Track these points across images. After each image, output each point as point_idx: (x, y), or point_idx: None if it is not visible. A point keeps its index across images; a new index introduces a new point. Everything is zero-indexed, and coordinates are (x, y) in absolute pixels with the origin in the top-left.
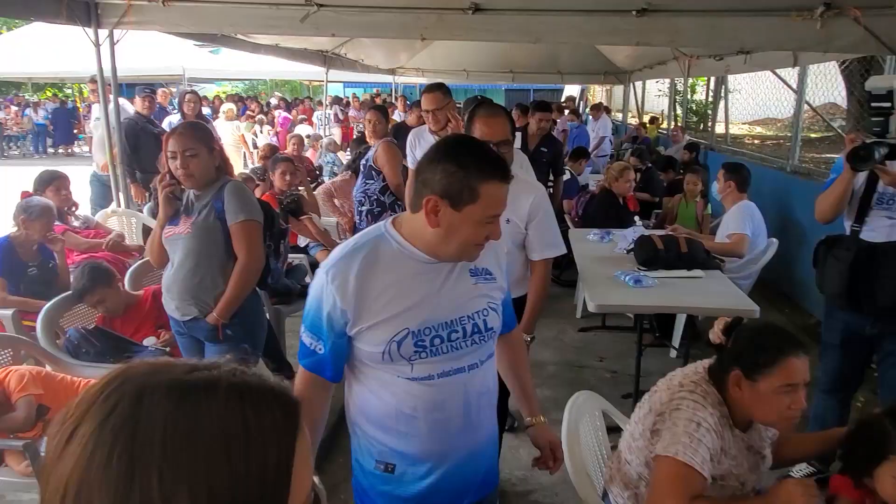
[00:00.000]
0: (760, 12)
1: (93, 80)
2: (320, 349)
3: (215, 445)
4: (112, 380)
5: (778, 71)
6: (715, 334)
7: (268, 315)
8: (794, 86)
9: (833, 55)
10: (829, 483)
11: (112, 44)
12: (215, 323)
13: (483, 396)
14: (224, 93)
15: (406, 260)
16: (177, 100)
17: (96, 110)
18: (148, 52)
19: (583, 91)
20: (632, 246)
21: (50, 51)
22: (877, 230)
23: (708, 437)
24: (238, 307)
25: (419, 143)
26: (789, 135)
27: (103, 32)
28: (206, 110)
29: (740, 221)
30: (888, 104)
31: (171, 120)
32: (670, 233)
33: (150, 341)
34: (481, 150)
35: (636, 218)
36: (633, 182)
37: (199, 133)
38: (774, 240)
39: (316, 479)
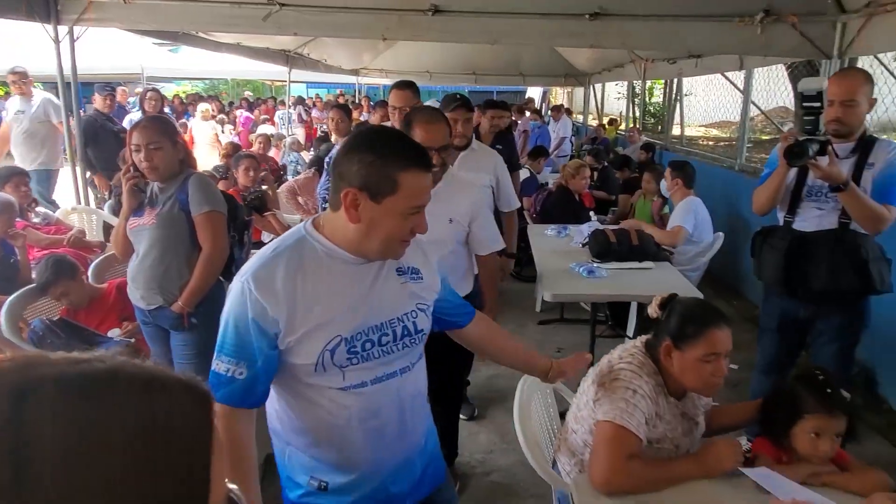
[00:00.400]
0: (706, 18)
1: (13, 73)
2: (241, 374)
3: (120, 444)
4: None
5: (730, 75)
6: (652, 309)
7: None
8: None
9: (773, 59)
10: (752, 445)
11: (72, 41)
12: (180, 311)
13: (416, 399)
14: (184, 92)
15: (331, 261)
16: (136, 98)
17: (16, 103)
18: (105, 50)
19: (545, 93)
20: (587, 240)
21: None
22: (807, 220)
23: (643, 403)
24: (203, 296)
25: None
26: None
27: (63, 29)
28: (166, 109)
29: (683, 216)
30: (818, 104)
31: (132, 118)
32: (623, 227)
33: (114, 332)
34: (399, 138)
35: (591, 213)
36: (588, 180)
37: (162, 127)
38: (721, 233)
39: (231, 484)
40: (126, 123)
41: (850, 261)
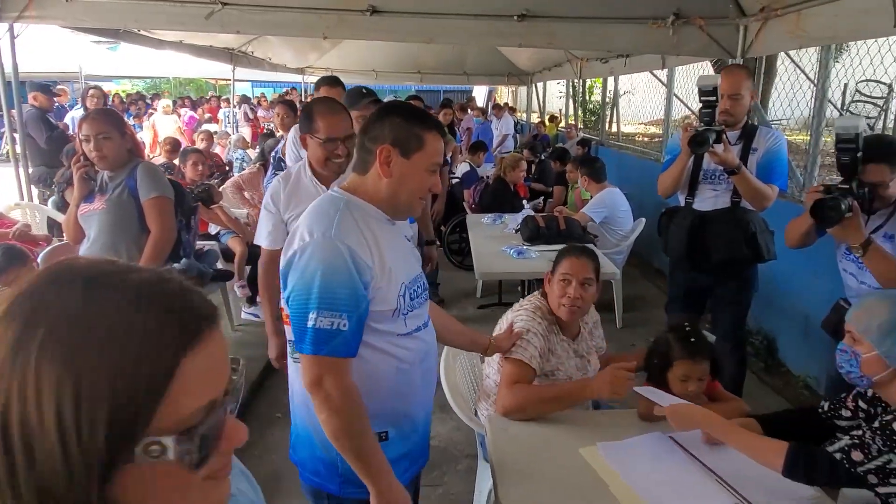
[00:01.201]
0: (624, 20)
1: None
2: (344, 325)
3: (96, 335)
4: (55, 265)
5: (661, 74)
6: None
7: None
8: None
9: (690, 58)
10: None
11: (13, 38)
12: None
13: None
14: (124, 91)
15: (375, 219)
16: (77, 97)
17: None
18: (43, 49)
19: (490, 92)
20: (519, 226)
21: None
22: (705, 201)
23: (536, 340)
24: None
25: None
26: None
27: (3, 27)
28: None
29: (593, 206)
30: (714, 98)
31: (74, 116)
32: (554, 213)
33: None
34: (418, 108)
35: (524, 202)
36: (524, 172)
37: (111, 118)
38: (643, 219)
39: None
40: (68, 121)
41: (743, 234)
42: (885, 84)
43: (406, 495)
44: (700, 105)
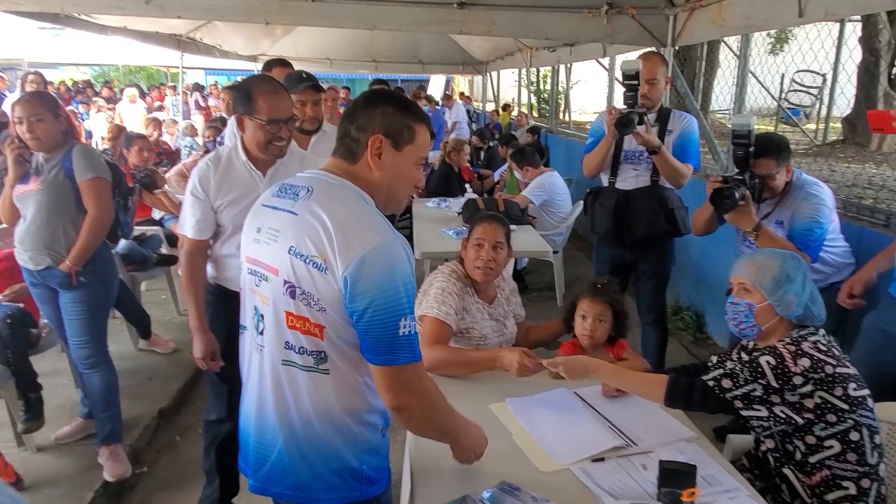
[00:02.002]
0: (560, 9)
1: None
2: (415, 326)
3: None
4: None
5: (606, 62)
6: None
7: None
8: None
9: (627, 47)
10: (559, 349)
11: None
12: (68, 270)
13: None
14: (71, 79)
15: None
16: (18, 83)
17: None
18: None
19: (448, 81)
20: (462, 209)
21: None
22: (626, 180)
23: (451, 300)
24: (89, 256)
25: None
26: None
27: None
28: None
29: (532, 190)
30: (636, 82)
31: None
32: (496, 196)
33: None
34: (407, 98)
35: (467, 185)
36: (468, 156)
37: (44, 100)
38: (581, 202)
39: None
40: (6, 106)
41: (662, 210)
42: (820, 74)
43: (480, 427)
44: (623, 89)
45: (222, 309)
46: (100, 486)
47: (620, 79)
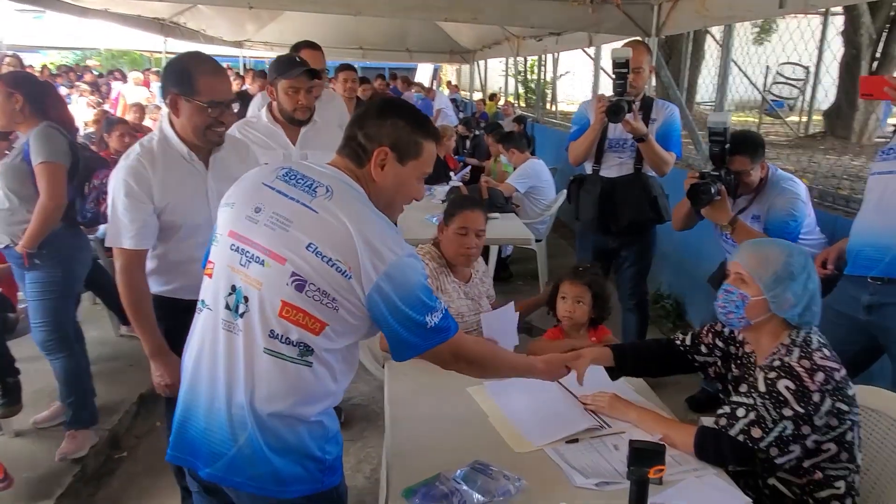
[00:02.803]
0: None
1: None
2: (442, 313)
3: None
4: None
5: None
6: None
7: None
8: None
9: (612, 36)
10: (544, 334)
11: None
12: (22, 251)
13: None
14: (53, 63)
15: None
16: None
17: None
18: None
19: (436, 70)
20: (446, 196)
21: None
22: (611, 168)
23: (428, 282)
24: (40, 240)
25: None
26: None
27: None
28: None
29: (517, 177)
30: (626, 70)
31: None
32: (480, 184)
33: None
34: (419, 112)
35: (451, 174)
36: (453, 143)
37: None
38: (565, 191)
39: None
40: None
41: (646, 198)
42: (804, 67)
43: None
44: (613, 77)
45: (181, 324)
46: (78, 471)
47: (609, 67)
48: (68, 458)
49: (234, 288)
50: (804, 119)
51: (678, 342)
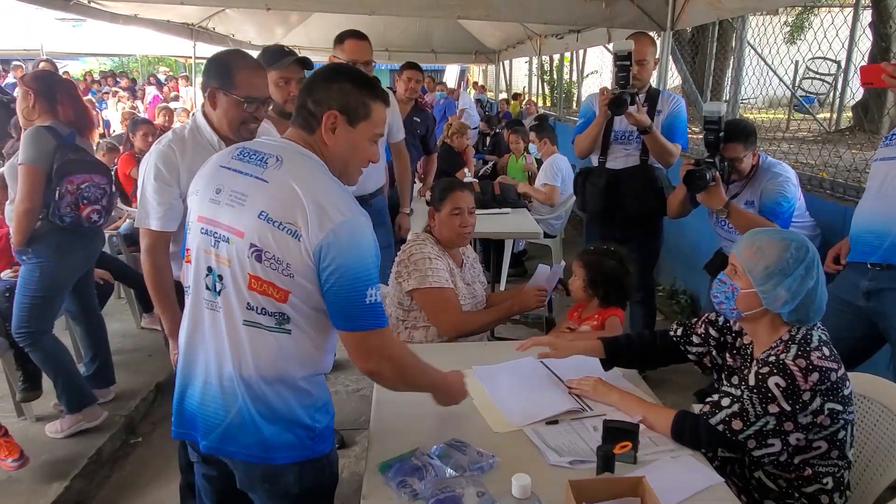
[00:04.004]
0: None
1: None
2: (380, 295)
3: None
4: None
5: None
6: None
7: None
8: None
9: (629, 31)
10: (567, 315)
11: None
12: (14, 247)
13: None
14: (93, 70)
15: None
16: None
17: None
18: (2, 26)
19: (462, 71)
20: None
21: None
22: (616, 160)
23: (438, 263)
24: (30, 239)
25: None
26: None
27: None
28: None
29: (551, 174)
30: (628, 62)
31: None
32: (500, 180)
33: (5, 274)
34: (365, 74)
35: (465, 170)
36: (469, 140)
37: None
38: None
39: None
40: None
41: (652, 189)
42: (835, 61)
43: (460, 373)
44: (615, 69)
45: None
46: (94, 454)
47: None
48: (52, 435)
49: (209, 269)
50: (835, 115)
51: (671, 333)
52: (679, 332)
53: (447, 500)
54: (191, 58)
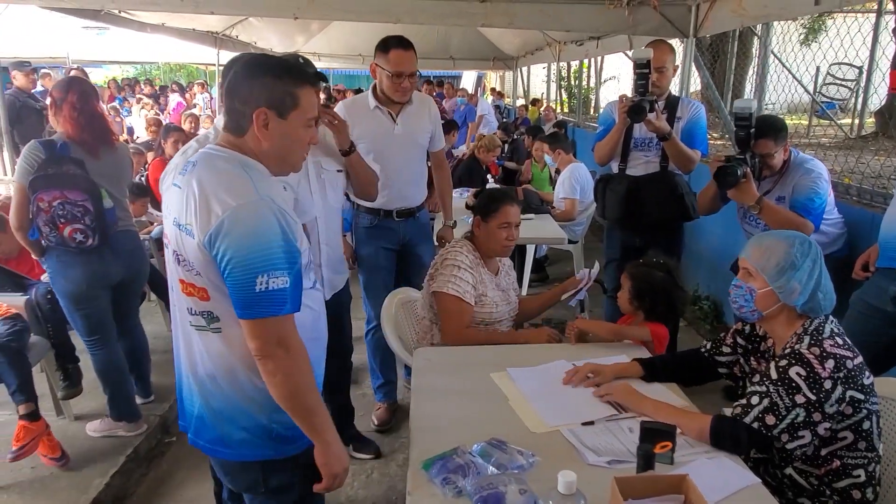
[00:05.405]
0: (581, 1)
1: None
2: (286, 283)
3: None
4: None
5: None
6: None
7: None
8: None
9: (650, 38)
10: (620, 320)
11: None
12: None
13: None
14: (117, 77)
15: (267, 175)
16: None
17: None
18: (30, 34)
19: (480, 78)
20: None
21: None
22: (636, 167)
23: (465, 274)
24: (44, 253)
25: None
26: None
27: None
28: None
29: (569, 185)
30: (647, 70)
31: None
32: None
33: (45, 277)
34: (287, 60)
35: (489, 177)
36: (496, 156)
37: None
38: None
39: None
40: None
41: (672, 195)
42: (856, 67)
43: (343, 447)
44: (634, 77)
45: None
46: (131, 452)
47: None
48: (92, 433)
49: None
50: (856, 121)
51: (702, 349)
52: (708, 346)
53: (491, 497)
54: (214, 65)
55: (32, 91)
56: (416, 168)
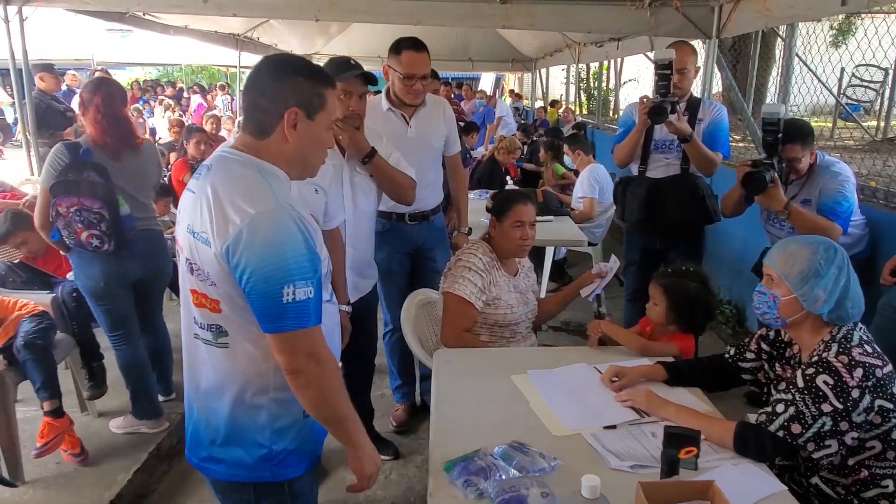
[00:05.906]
0: (602, 1)
1: None
2: (311, 292)
3: None
4: None
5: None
6: (488, 201)
7: None
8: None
9: (672, 40)
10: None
11: (21, 21)
12: None
13: None
14: (139, 79)
15: (286, 182)
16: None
17: None
18: (55, 36)
19: (498, 79)
20: None
21: None
22: (657, 169)
23: (476, 277)
24: (66, 249)
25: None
26: None
27: (12, 9)
28: None
29: (587, 186)
30: (669, 71)
31: None
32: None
33: (71, 275)
34: (309, 62)
35: (508, 178)
36: (518, 154)
37: None
38: None
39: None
40: (73, 104)
41: (693, 198)
42: (882, 68)
43: (373, 447)
44: (656, 78)
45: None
46: (153, 448)
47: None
48: (115, 430)
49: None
50: (882, 123)
51: (726, 355)
52: (732, 351)
53: (513, 500)
54: (235, 66)
55: (55, 93)
56: (430, 171)
